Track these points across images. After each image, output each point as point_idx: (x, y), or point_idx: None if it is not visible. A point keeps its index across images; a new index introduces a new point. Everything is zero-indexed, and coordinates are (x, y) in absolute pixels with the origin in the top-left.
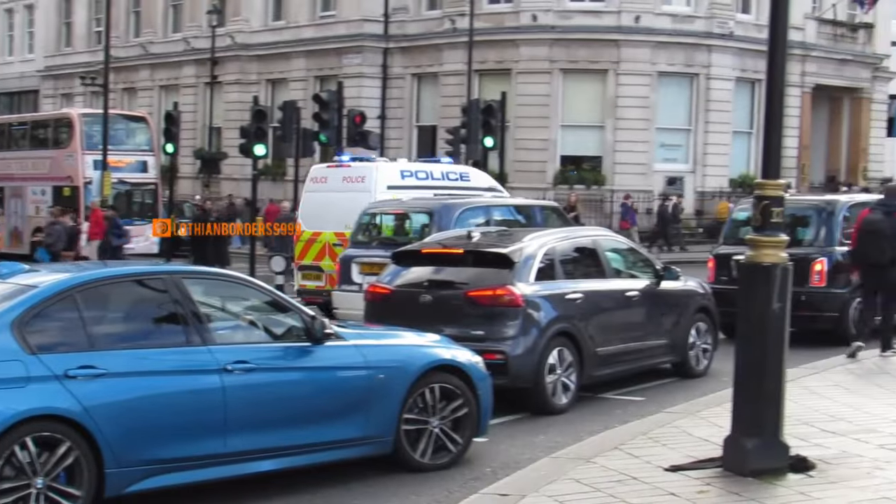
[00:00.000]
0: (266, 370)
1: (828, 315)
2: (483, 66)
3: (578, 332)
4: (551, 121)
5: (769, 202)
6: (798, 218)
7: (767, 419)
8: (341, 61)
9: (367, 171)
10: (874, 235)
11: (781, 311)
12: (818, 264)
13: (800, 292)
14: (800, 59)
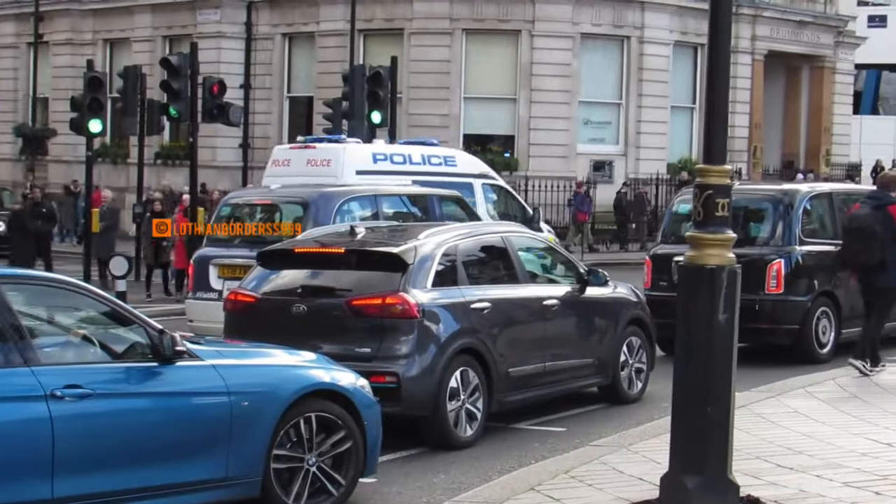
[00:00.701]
0: (104, 396)
1: (786, 327)
2: (369, 24)
3: (486, 349)
4: (452, 92)
5: (713, 192)
6: (751, 211)
7: (712, 453)
8: (195, 18)
9: (333, 153)
10: (859, 233)
11: (728, 322)
12: (774, 267)
13: (754, 300)
14: (750, 19)
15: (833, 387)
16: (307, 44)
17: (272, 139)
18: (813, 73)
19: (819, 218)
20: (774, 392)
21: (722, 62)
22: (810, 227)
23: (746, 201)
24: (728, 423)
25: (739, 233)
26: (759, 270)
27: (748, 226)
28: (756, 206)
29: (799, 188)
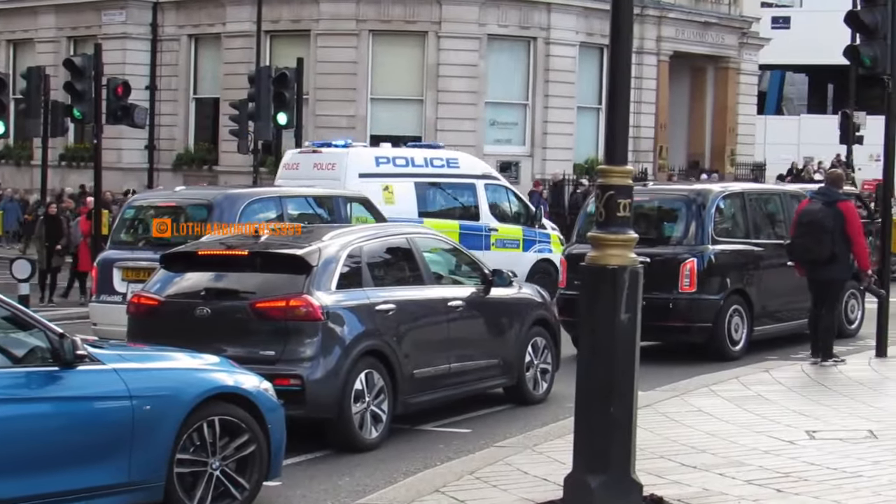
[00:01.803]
0: (2, 402)
1: (700, 325)
2: (276, 26)
3: (391, 350)
4: (359, 93)
5: (615, 193)
6: (665, 211)
7: (616, 452)
8: (100, 19)
9: (337, 157)
10: (812, 228)
11: (631, 322)
12: (688, 266)
13: (667, 299)
14: (655, 21)
15: (737, 385)
16: (213, 45)
17: (178, 140)
18: (718, 73)
19: (731, 217)
20: (679, 391)
21: (623, 64)
22: (723, 227)
23: (660, 201)
24: (631, 422)
25: (653, 232)
26: (672, 269)
27: (662, 225)
28: (669, 205)
29: (711, 188)
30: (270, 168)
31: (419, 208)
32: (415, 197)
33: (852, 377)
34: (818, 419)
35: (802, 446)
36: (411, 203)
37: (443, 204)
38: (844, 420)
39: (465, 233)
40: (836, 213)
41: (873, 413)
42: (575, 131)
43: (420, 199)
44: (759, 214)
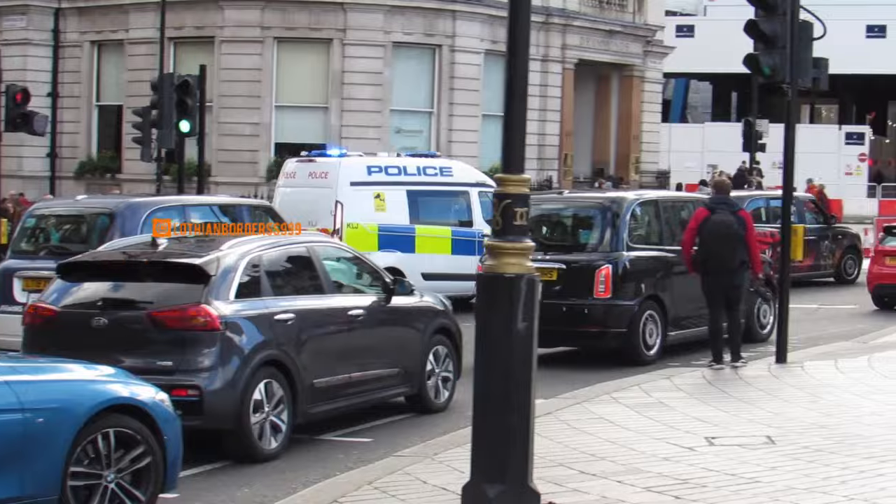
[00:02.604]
0: None
1: (615, 331)
2: (180, 32)
3: (290, 360)
4: (264, 101)
5: (511, 201)
6: (580, 219)
7: (513, 462)
8: (1, 24)
9: (330, 166)
10: (728, 238)
11: (528, 331)
12: (603, 272)
13: (582, 305)
14: (560, 29)
15: (638, 392)
16: (117, 51)
17: (81, 148)
18: (622, 81)
19: (646, 224)
20: (580, 398)
21: (519, 72)
22: (638, 234)
23: (576, 209)
24: (528, 431)
25: (569, 240)
26: (588, 276)
27: (578, 233)
28: (585, 213)
29: (626, 195)
30: (174, 176)
31: (411, 215)
32: (406, 204)
33: (752, 383)
34: (718, 425)
35: (702, 453)
36: (403, 210)
37: (435, 211)
38: (744, 426)
39: (457, 239)
40: (739, 220)
41: (772, 419)
42: (480, 139)
43: (412, 206)
44: (674, 221)
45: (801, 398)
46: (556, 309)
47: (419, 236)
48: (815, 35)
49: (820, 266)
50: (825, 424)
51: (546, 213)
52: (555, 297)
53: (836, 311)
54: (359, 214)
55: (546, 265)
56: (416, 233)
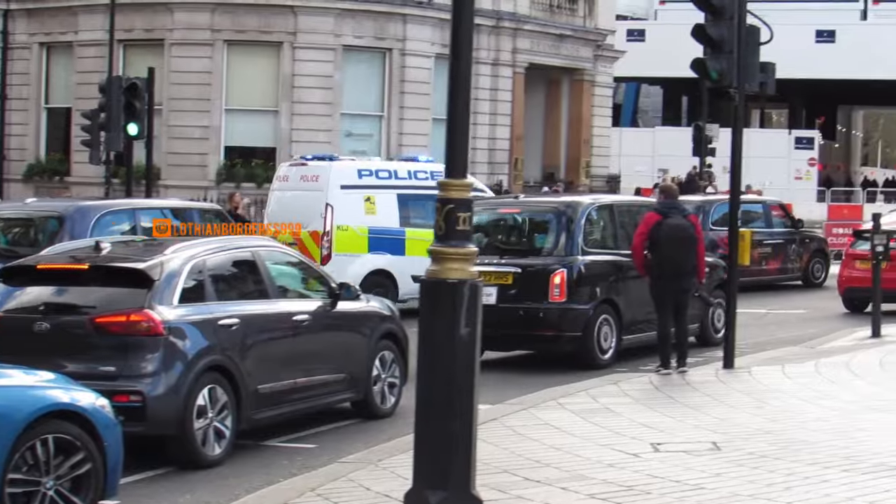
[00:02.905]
0: None
1: (569, 335)
2: (129, 35)
3: (235, 365)
4: (213, 104)
5: (454, 206)
6: (536, 223)
7: (456, 468)
8: None
9: (321, 170)
10: (685, 242)
11: (470, 336)
12: (558, 276)
13: (538, 309)
14: (511, 33)
15: (585, 398)
16: (66, 54)
17: (29, 150)
18: (573, 85)
19: (601, 228)
20: (526, 404)
21: (462, 76)
22: (592, 238)
23: (531, 213)
24: (471, 437)
25: (525, 244)
26: (543, 280)
27: (533, 237)
28: (540, 217)
29: (581, 200)
30: (123, 179)
31: (401, 218)
32: (397, 208)
33: (699, 389)
34: (663, 431)
35: (647, 459)
36: (393, 213)
37: (425, 214)
38: (689, 432)
39: None
40: (692, 225)
41: (718, 425)
42: (430, 143)
43: (402, 209)
44: (629, 226)
45: (747, 403)
46: (511, 313)
47: (409, 239)
48: (762, 40)
49: (787, 269)
50: (771, 430)
51: (502, 218)
52: (511, 301)
53: (784, 316)
54: (349, 217)
55: (502, 269)
56: (406, 235)
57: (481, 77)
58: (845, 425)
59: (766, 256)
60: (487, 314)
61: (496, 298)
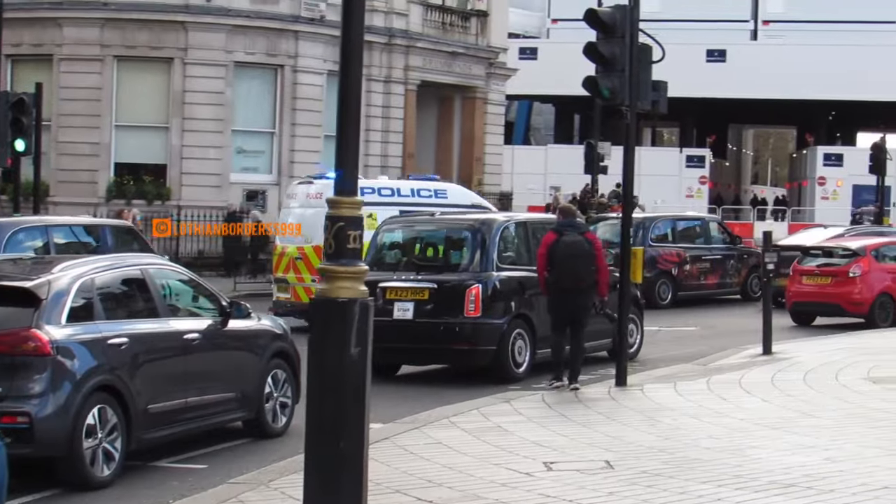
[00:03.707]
0: None
1: (484, 349)
2: (17, 49)
3: (124, 385)
4: (103, 120)
5: (344, 224)
6: (451, 240)
7: (346, 489)
8: None
9: (324, 187)
10: (583, 259)
11: (362, 356)
12: (473, 292)
13: (453, 323)
14: (403, 50)
15: (477, 416)
16: None
17: None
18: (465, 103)
19: (515, 246)
20: (419, 423)
21: (352, 93)
22: (507, 254)
23: (447, 230)
24: (363, 457)
25: (440, 260)
26: (458, 295)
27: (449, 253)
28: (456, 234)
29: (496, 217)
30: (11, 195)
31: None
32: None
33: (592, 407)
34: (556, 450)
35: (539, 478)
36: None
37: None
38: (582, 450)
39: None
40: (589, 242)
41: (611, 443)
42: (322, 160)
43: None
44: None
45: (640, 421)
46: (428, 327)
47: None
48: (654, 58)
49: (726, 284)
50: (664, 448)
51: (419, 235)
52: (427, 316)
53: (678, 333)
54: None
55: (418, 285)
56: None
57: (373, 94)
58: (738, 443)
59: (705, 272)
60: (404, 329)
61: (413, 313)
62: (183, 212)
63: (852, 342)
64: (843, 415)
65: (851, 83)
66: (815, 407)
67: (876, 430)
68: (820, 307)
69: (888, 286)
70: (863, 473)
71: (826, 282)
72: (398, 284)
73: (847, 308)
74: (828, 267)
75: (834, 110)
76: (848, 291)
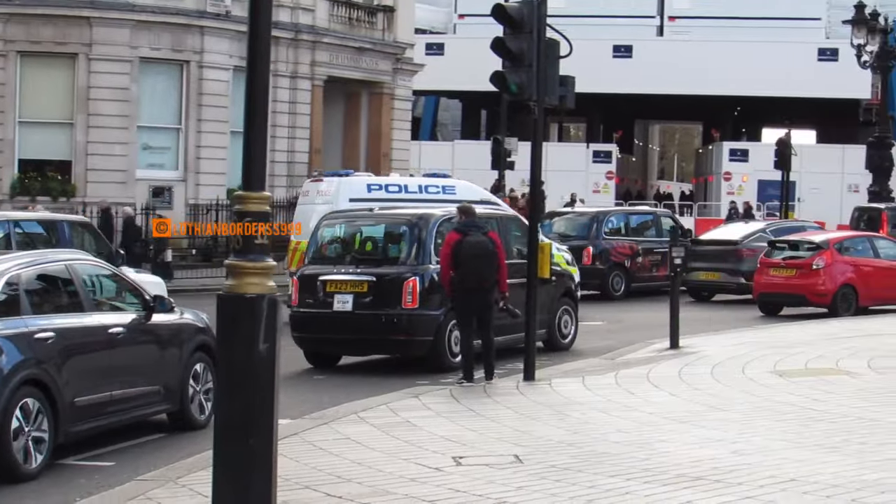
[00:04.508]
0: None
1: (421, 339)
2: None
3: (51, 379)
4: (7, 116)
5: (251, 219)
6: (391, 235)
7: (256, 485)
8: None
9: (333, 184)
10: (487, 259)
11: (270, 352)
12: (410, 284)
13: (392, 315)
14: (310, 45)
15: (386, 412)
16: None
17: None
18: (372, 98)
19: None
20: (327, 419)
21: (259, 89)
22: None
23: (387, 225)
24: (271, 453)
25: (380, 253)
26: (397, 287)
27: (388, 247)
28: (396, 229)
29: (433, 213)
30: None
31: None
32: None
33: (500, 401)
34: (465, 445)
35: (449, 473)
36: None
37: None
38: (491, 445)
39: None
40: (492, 241)
41: (520, 437)
42: (228, 156)
43: None
44: None
45: (548, 416)
46: (367, 319)
47: None
48: (561, 53)
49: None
50: (572, 442)
51: (358, 229)
52: (366, 308)
53: (587, 328)
54: None
55: (357, 278)
56: None
57: (280, 90)
58: (646, 437)
59: (656, 264)
60: (344, 321)
61: (352, 305)
62: (88, 209)
63: (758, 336)
64: (750, 408)
65: (757, 79)
66: (723, 400)
67: (783, 423)
68: (786, 298)
69: (850, 278)
70: (770, 466)
71: (791, 273)
72: (338, 277)
73: (811, 298)
74: (793, 259)
75: (739, 106)
76: (812, 283)
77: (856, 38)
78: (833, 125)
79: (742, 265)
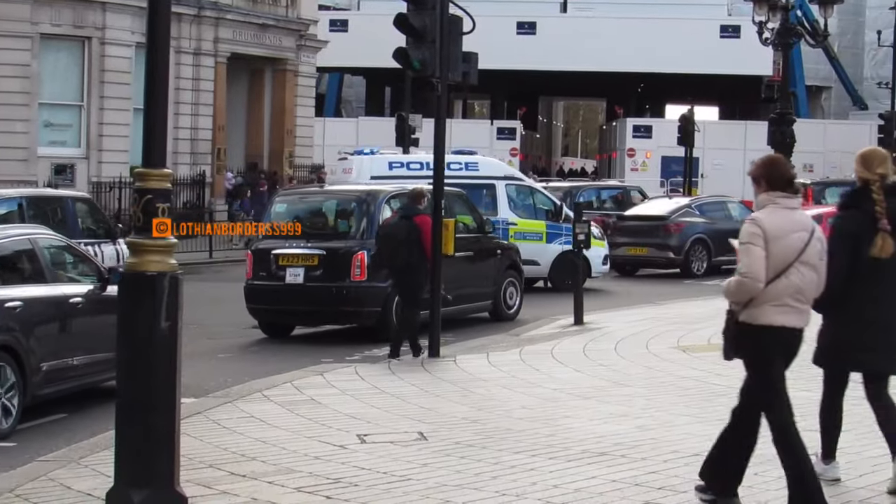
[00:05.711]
0: None
1: (369, 310)
2: None
3: (20, 345)
4: None
5: (153, 197)
6: (341, 210)
7: (158, 465)
8: None
9: (356, 163)
10: (389, 240)
11: (172, 330)
12: (359, 257)
13: (341, 287)
14: (213, 22)
15: (291, 389)
16: None
17: None
18: (276, 75)
19: None
20: (231, 397)
21: (160, 65)
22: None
23: (336, 200)
24: (174, 433)
25: (329, 228)
26: (346, 261)
27: (337, 222)
28: (345, 205)
29: (382, 188)
30: None
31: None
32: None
33: (405, 378)
34: (370, 422)
35: (353, 451)
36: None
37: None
38: (396, 422)
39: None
40: (412, 225)
41: (424, 415)
42: (131, 133)
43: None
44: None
45: (453, 393)
46: (318, 291)
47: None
48: (464, 30)
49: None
50: (476, 419)
51: (309, 205)
52: (317, 281)
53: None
54: None
55: (308, 251)
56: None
57: (183, 66)
58: (550, 413)
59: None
60: (296, 293)
61: (303, 278)
62: None
63: (663, 312)
64: (654, 384)
65: (660, 56)
66: (627, 376)
67: (685, 398)
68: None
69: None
70: (674, 441)
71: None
72: (290, 251)
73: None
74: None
75: (643, 83)
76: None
77: (757, 15)
78: (735, 102)
79: (670, 240)
